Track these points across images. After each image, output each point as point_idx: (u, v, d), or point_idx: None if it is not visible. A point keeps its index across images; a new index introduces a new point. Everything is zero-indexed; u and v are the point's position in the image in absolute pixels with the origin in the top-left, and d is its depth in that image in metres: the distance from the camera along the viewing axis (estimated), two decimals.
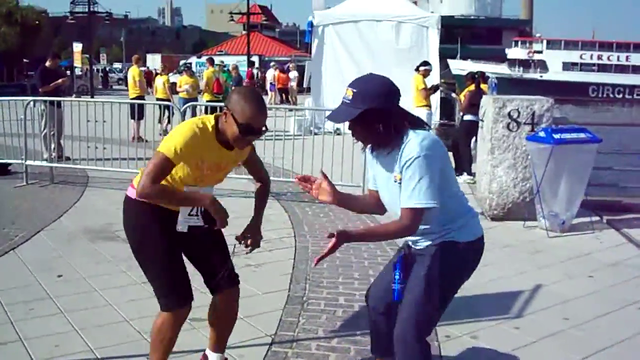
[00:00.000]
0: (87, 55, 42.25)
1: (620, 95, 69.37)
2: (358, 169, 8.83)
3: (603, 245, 7.22)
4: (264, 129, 3.30)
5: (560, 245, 7.18)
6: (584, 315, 5.09)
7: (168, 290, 3.50)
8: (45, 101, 11.03)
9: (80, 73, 42.76)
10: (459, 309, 5.11)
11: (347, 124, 3.16)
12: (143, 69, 51.84)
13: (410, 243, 3.38)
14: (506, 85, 38.88)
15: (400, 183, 3.08)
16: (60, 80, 12.41)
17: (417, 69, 12.52)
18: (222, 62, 19.17)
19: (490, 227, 7.68)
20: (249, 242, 3.68)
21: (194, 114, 15.53)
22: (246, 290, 5.34)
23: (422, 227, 3.15)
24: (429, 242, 3.26)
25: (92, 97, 31.68)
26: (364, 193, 8.42)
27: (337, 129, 11.49)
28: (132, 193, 3.49)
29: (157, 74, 20.62)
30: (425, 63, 12.82)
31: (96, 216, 7.96)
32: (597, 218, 8.27)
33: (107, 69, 59.40)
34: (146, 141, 12.65)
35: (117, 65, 70.57)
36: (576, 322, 4.95)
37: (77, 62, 39.41)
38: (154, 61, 57.93)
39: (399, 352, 3.26)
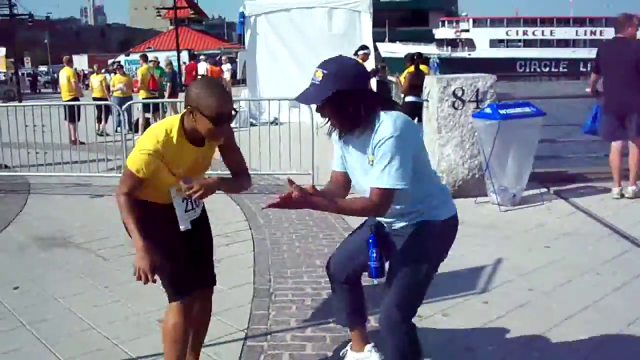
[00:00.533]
0: (12, 60, 41.07)
1: (547, 69, 71.16)
2: (306, 156, 8.80)
3: (554, 216, 7.38)
4: (233, 112, 3.23)
5: (514, 219, 7.31)
6: (548, 285, 5.20)
7: (171, 280, 3.46)
8: None
9: (4, 78, 41.49)
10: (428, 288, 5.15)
11: (287, 112, 3.15)
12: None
13: (384, 224, 3.38)
14: (443, 66, 39.49)
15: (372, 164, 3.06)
16: None
17: (356, 54, 12.55)
18: (156, 58, 18.83)
19: None
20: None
21: (129, 113, 15.36)
22: None
23: (397, 207, 3.15)
24: (405, 223, 3.26)
25: (20, 101, 30.80)
26: (313, 180, 8.51)
27: (275, 118, 11.46)
28: None
29: (91, 73, 20.18)
30: (364, 47, 12.91)
31: (44, 224, 7.73)
32: (545, 190, 8.45)
33: (33, 72, 57.78)
34: (83, 143, 12.38)
35: (43, 68, 68.68)
36: (541, 292, 5.06)
37: (2, 67, 38.32)
38: (81, 62, 56.76)
39: (387, 335, 3.27)
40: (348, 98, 3.01)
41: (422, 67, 12.59)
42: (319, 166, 8.49)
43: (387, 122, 3.00)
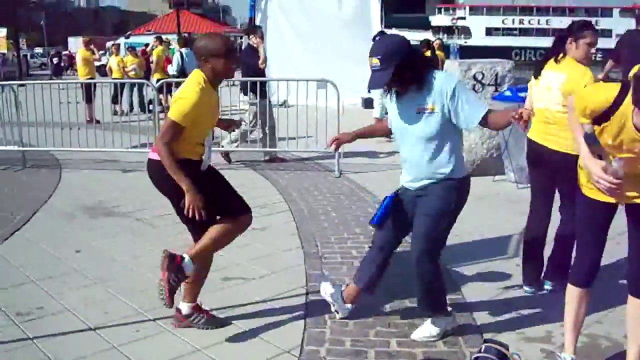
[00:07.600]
0: (12, 41, 41.05)
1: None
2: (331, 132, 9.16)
3: None
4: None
5: None
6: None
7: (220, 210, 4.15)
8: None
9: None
10: (467, 253, 5.63)
11: (309, 94, 3.78)
12: (65, 52, 50.34)
13: (411, 185, 3.96)
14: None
15: (429, 113, 3.68)
16: None
17: (374, 39, 12.89)
18: (168, 39, 19.06)
19: None
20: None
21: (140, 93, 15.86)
22: (262, 249, 5.72)
23: (443, 157, 3.78)
24: (434, 181, 3.84)
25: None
26: (337, 159, 8.88)
27: (285, 100, 11.91)
28: (153, 155, 4.00)
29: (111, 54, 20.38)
30: (382, 33, 13.21)
31: (84, 195, 8.10)
32: None
33: (29, 54, 57.60)
34: (99, 122, 12.63)
35: (39, 50, 68.51)
36: None
37: (2, 48, 38.36)
38: (77, 44, 56.57)
39: (418, 273, 3.87)
40: (405, 67, 3.62)
41: (438, 52, 12.99)
42: (343, 146, 8.85)
43: (443, 76, 3.71)
